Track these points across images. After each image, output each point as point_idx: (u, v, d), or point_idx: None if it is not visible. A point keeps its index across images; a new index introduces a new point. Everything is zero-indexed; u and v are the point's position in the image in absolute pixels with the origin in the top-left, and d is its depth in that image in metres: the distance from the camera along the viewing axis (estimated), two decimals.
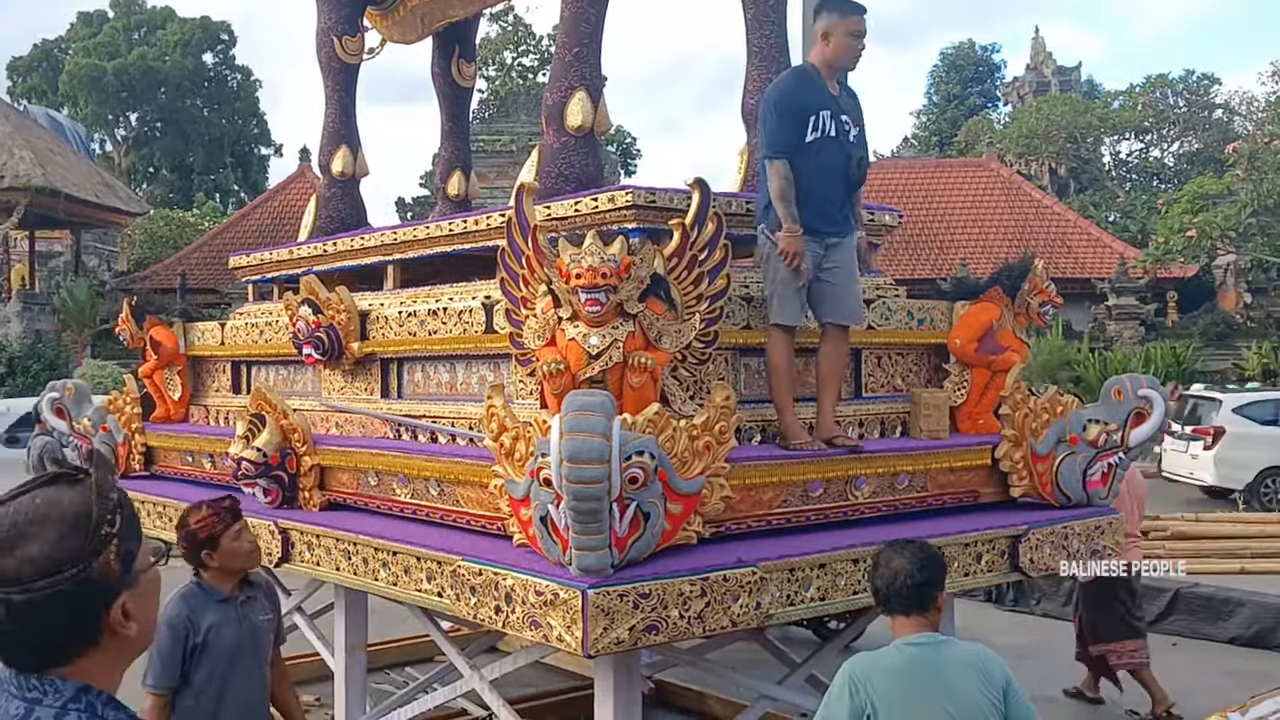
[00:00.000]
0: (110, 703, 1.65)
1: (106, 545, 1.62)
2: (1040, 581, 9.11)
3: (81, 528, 1.60)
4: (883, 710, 3.34)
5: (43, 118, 35.96)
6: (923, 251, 30.01)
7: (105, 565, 1.61)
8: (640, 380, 4.27)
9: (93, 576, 1.60)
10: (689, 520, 4.21)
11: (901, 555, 3.58)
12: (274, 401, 5.75)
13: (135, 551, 1.68)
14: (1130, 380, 5.83)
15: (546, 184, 5.52)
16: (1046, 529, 5.34)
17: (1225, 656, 8.13)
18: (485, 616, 4.29)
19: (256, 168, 52.29)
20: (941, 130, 50.93)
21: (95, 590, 1.61)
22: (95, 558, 1.60)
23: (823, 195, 4.86)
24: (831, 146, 4.85)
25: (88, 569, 1.59)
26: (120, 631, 1.65)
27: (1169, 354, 23.58)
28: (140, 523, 1.74)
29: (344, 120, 7.44)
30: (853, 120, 4.90)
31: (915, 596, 3.52)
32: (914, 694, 3.35)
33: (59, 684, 1.62)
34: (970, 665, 3.46)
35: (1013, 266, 5.91)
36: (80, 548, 1.59)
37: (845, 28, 4.86)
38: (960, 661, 3.46)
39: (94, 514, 1.62)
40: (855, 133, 4.91)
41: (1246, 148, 25.98)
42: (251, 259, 7.69)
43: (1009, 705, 3.41)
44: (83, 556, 1.59)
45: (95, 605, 1.62)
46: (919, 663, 3.41)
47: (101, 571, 1.60)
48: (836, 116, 4.83)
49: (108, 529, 1.63)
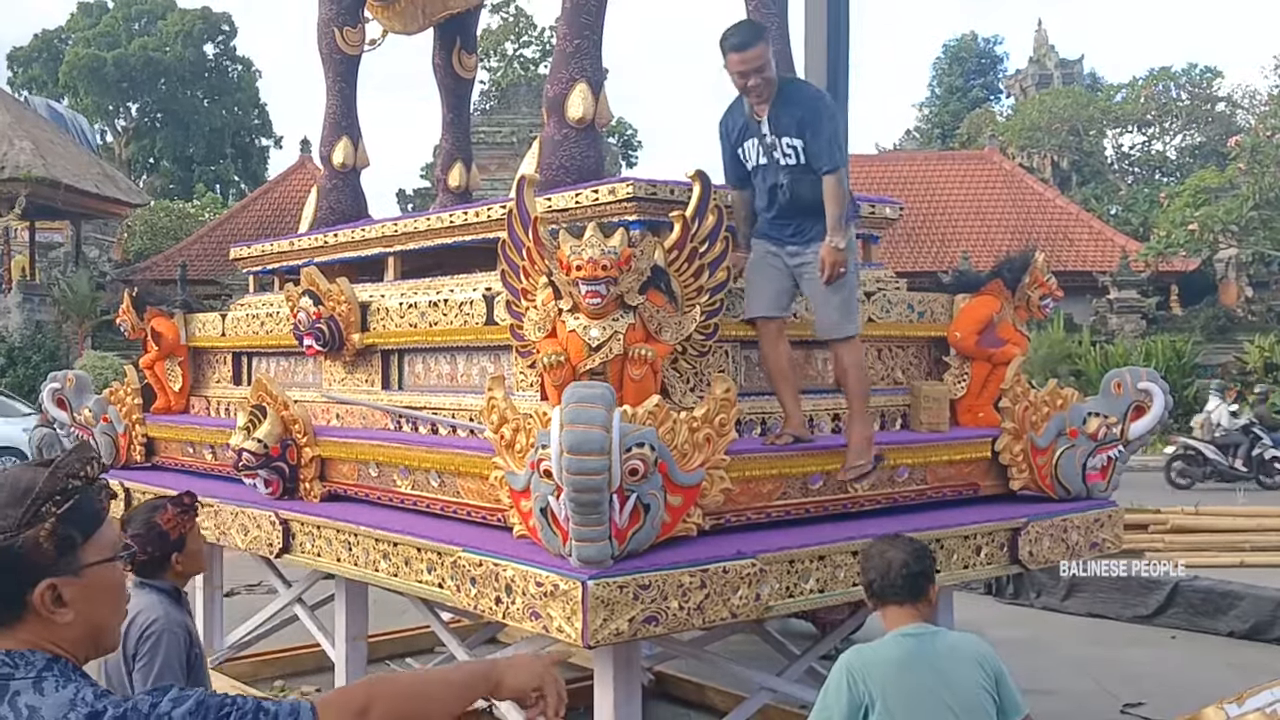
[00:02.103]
0: (79, 671, 1.68)
1: (40, 522, 1.63)
2: (1039, 575, 9.13)
3: (21, 501, 1.62)
4: (881, 702, 3.33)
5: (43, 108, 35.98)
6: (924, 244, 29.99)
7: (33, 541, 1.62)
8: (640, 372, 4.28)
9: (15, 548, 1.61)
10: (689, 512, 4.22)
11: (894, 547, 3.59)
12: (275, 393, 5.76)
13: (79, 541, 1.67)
14: (1130, 374, 5.85)
15: (547, 176, 5.52)
16: (1046, 522, 5.35)
17: (1224, 649, 8.14)
18: (485, 607, 4.30)
19: (257, 159, 52.23)
20: (943, 123, 50.88)
21: (14, 563, 1.62)
22: (24, 530, 1.62)
23: (767, 216, 4.86)
24: (761, 176, 4.80)
25: (13, 538, 1.61)
26: (47, 616, 1.66)
27: (1170, 348, 23.56)
28: (106, 519, 1.74)
29: (345, 111, 7.44)
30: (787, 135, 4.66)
31: (910, 586, 3.52)
32: (912, 685, 3.36)
33: (29, 655, 1.64)
34: (966, 655, 3.47)
35: (1013, 259, 5.91)
36: (15, 519, 1.62)
37: (729, 69, 4.68)
38: (956, 652, 3.47)
39: (38, 489, 1.63)
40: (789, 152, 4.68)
41: (1249, 141, 25.98)
42: (252, 250, 7.69)
43: (1000, 695, 3.43)
44: (10, 528, 1.61)
45: (14, 579, 1.63)
46: (916, 654, 3.41)
47: (26, 546, 1.62)
48: (761, 141, 4.72)
49: (49, 508, 1.64)
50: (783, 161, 4.68)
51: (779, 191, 4.73)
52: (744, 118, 4.79)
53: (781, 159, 4.68)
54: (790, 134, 4.65)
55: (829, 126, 4.64)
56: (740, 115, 4.82)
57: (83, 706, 1.60)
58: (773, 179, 4.74)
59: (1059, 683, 7.08)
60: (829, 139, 4.62)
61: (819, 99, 4.73)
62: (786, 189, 4.70)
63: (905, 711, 3.32)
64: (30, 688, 1.61)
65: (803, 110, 4.63)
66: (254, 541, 5.78)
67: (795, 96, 4.68)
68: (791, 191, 4.70)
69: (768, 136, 4.69)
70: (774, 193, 4.76)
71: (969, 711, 3.35)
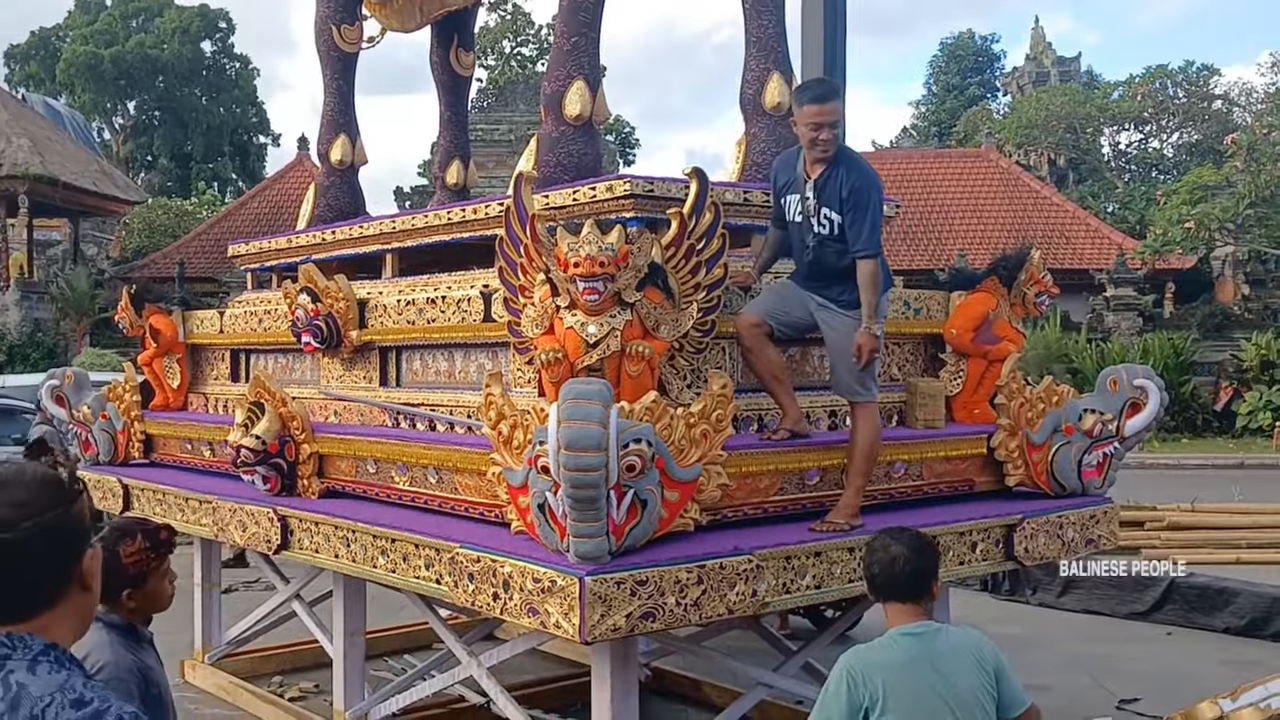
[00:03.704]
0: (72, 659, 1.75)
1: (79, 494, 1.78)
2: (1035, 571, 9.15)
3: (53, 482, 1.76)
4: (881, 704, 3.34)
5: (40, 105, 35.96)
6: (921, 242, 30.01)
7: (80, 511, 1.77)
8: (638, 369, 4.30)
9: (72, 519, 1.75)
10: (686, 508, 4.24)
11: (898, 542, 3.56)
12: (273, 389, 5.77)
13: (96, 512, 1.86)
14: (1126, 370, 5.87)
15: (545, 173, 5.54)
16: (1041, 518, 5.37)
17: (1220, 646, 8.17)
18: (483, 603, 4.32)
19: (255, 157, 52.21)
20: (940, 120, 50.90)
21: (74, 533, 1.76)
22: (72, 504, 1.75)
23: (799, 268, 4.92)
24: (795, 230, 4.84)
25: (68, 512, 1.74)
26: (88, 585, 1.79)
27: (1167, 345, 23.59)
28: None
29: (343, 109, 7.45)
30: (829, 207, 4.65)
31: (913, 584, 3.52)
32: (912, 686, 3.35)
33: (28, 639, 1.71)
34: (965, 652, 3.47)
35: (1009, 256, 5.93)
36: (57, 495, 1.74)
37: (801, 119, 4.66)
38: (956, 649, 3.47)
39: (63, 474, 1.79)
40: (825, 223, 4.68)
41: (1245, 139, 26.01)
42: (250, 247, 7.70)
43: (1001, 689, 3.44)
44: (62, 501, 1.74)
45: (74, 548, 1.76)
46: (915, 653, 3.41)
47: (78, 517, 1.76)
48: (804, 201, 4.74)
49: (77, 484, 1.80)
50: (816, 229, 4.71)
51: (806, 253, 4.80)
52: (793, 172, 4.81)
53: (816, 226, 4.71)
54: (833, 206, 4.65)
55: (873, 212, 4.62)
56: (791, 168, 4.84)
57: (70, 693, 1.66)
58: (804, 239, 4.79)
59: (1055, 679, 7.10)
60: (872, 224, 4.61)
61: (870, 181, 4.66)
62: (813, 252, 4.76)
63: (906, 712, 3.32)
64: (25, 669, 1.68)
65: (850, 189, 4.61)
66: (252, 538, 5.80)
67: (848, 172, 4.64)
68: (816, 256, 4.75)
69: (810, 200, 4.71)
70: (803, 251, 4.83)
71: (969, 710, 3.36)
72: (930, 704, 3.33)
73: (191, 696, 6.96)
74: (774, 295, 4.94)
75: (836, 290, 4.75)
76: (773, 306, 4.85)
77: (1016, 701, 3.46)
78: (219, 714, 6.73)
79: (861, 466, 4.72)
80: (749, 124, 6.01)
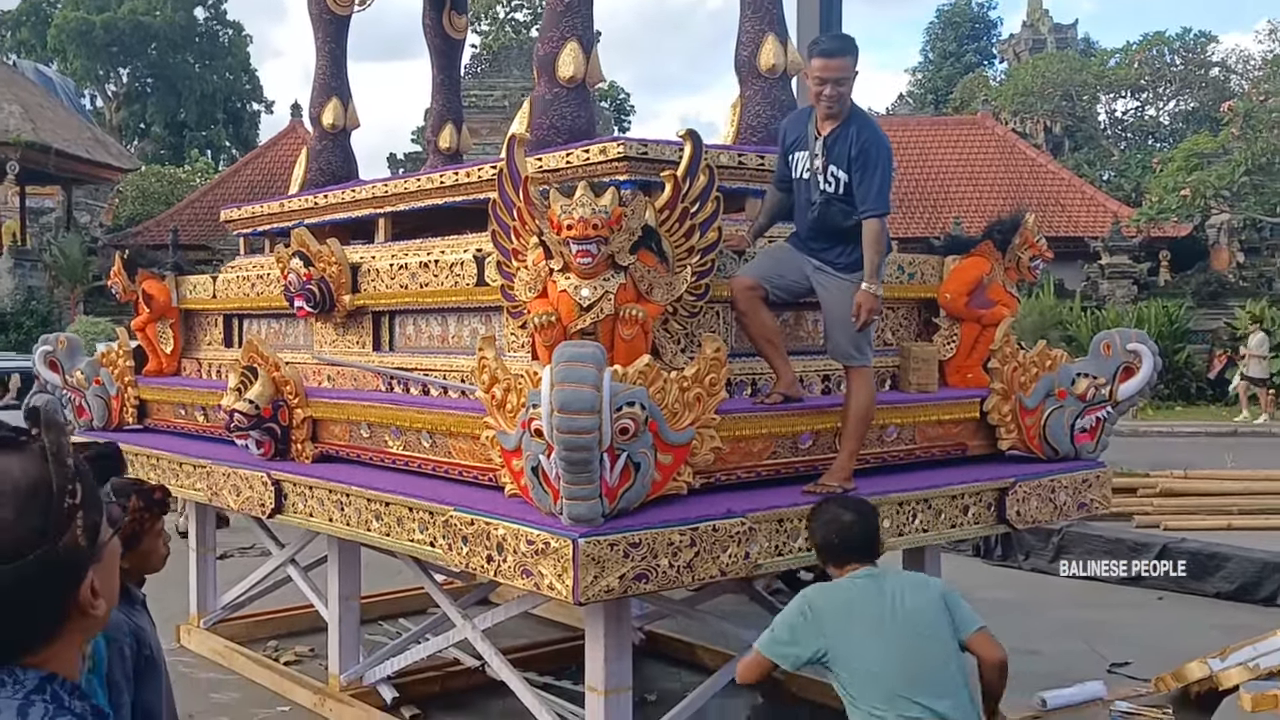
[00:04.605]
0: (75, 692, 1.48)
1: (71, 520, 1.42)
2: (1028, 536, 9.19)
3: (41, 502, 1.40)
4: (833, 623, 3.65)
5: (31, 72, 35.64)
6: (916, 209, 29.94)
7: (72, 542, 1.42)
8: (631, 332, 4.30)
9: (59, 556, 1.41)
10: (679, 471, 4.25)
11: (848, 509, 3.93)
12: (266, 354, 5.77)
13: (99, 523, 1.48)
14: (1119, 335, 5.87)
15: (538, 135, 5.51)
16: (1034, 482, 5.39)
17: (1211, 610, 8.22)
18: (477, 565, 4.33)
19: (248, 124, 51.91)
20: (937, 88, 50.69)
21: (63, 571, 1.42)
22: (61, 535, 1.40)
23: (799, 229, 4.88)
24: (800, 188, 4.81)
25: (53, 550, 1.40)
26: (90, 612, 1.47)
27: (1161, 313, 23.59)
28: (98, 489, 1.54)
29: (334, 72, 7.39)
30: (837, 165, 4.64)
31: (868, 545, 3.88)
32: (867, 606, 3.67)
33: (19, 673, 1.43)
34: (914, 581, 3.92)
35: (1003, 221, 5.92)
36: (43, 525, 1.39)
37: (809, 73, 4.66)
38: (905, 580, 3.92)
39: (54, 486, 1.42)
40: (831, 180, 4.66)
41: (1242, 106, 25.95)
42: (243, 212, 7.67)
43: (953, 612, 3.74)
44: (47, 535, 1.39)
45: (63, 587, 1.44)
46: (869, 585, 3.75)
47: (69, 549, 1.42)
48: (812, 158, 4.70)
49: (70, 501, 1.43)
50: (823, 186, 4.68)
51: (810, 210, 4.76)
52: (804, 128, 4.77)
53: (823, 183, 4.68)
54: (840, 165, 4.63)
55: (882, 173, 4.61)
56: (802, 125, 4.80)
57: None
58: (809, 196, 4.76)
59: (1047, 644, 7.15)
60: (880, 185, 4.59)
61: (880, 143, 4.64)
62: (817, 210, 4.72)
63: (861, 626, 3.63)
64: (14, 711, 1.41)
65: (861, 148, 4.59)
66: (246, 502, 5.81)
67: (860, 132, 4.62)
68: (821, 215, 4.72)
69: (819, 158, 4.68)
70: (806, 210, 4.79)
71: (929, 627, 3.66)
72: (890, 629, 3.62)
73: (187, 661, 6.99)
74: (770, 258, 4.93)
75: (835, 253, 4.73)
76: (768, 270, 4.83)
77: (968, 622, 3.75)
78: (215, 678, 6.76)
79: (855, 430, 4.73)
80: (744, 87, 5.97)
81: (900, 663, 3.56)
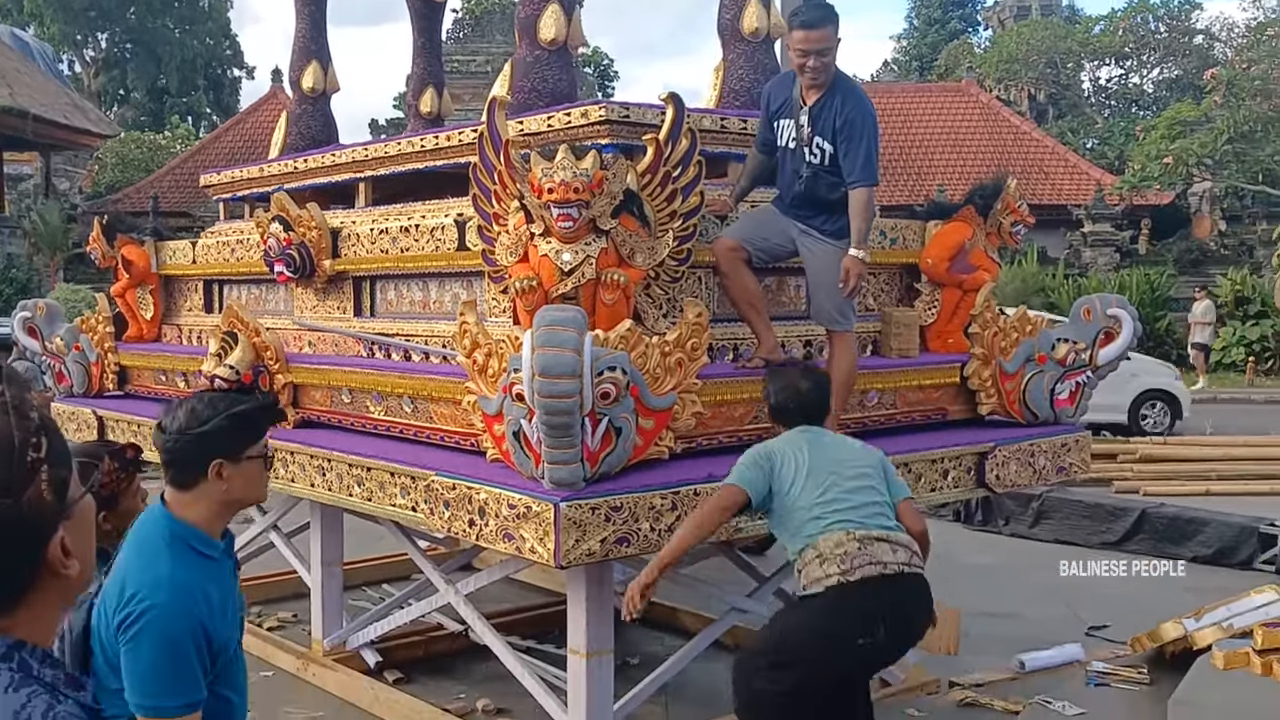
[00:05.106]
0: (46, 659, 1.44)
1: (35, 473, 1.38)
2: (1008, 502, 9.25)
3: (3, 457, 1.36)
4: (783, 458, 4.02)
5: (7, 36, 35.12)
6: (900, 177, 29.91)
7: (37, 497, 1.38)
8: (613, 297, 4.29)
9: (24, 513, 1.37)
10: (661, 435, 4.27)
11: (805, 379, 4.27)
12: (246, 319, 5.74)
13: (68, 478, 1.44)
14: (1100, 300, 5.89)
15: (519, 98, 5.48)
16: (1013, 446, 5.42)
17: (1188, 574, 8.28)
18: (459, 529, 4.34)
19: (229, 90, 51.41)
20: (921, 55, 50.54)
21: (28, 528, 1.38)
22: (24, 490, 1.37)
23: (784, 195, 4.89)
24: (785, 156, 4.81)
25: (17, 505, 1.36)
26: (61, 572, 1.43)
27: (1143, 281, 23.68)
28: (68, 446, 1.51)
29: (314, 35, 7.32)
30: (823, 136, 4.65)
31: (819, 410, 4.23)
32: (813, 453, 4.04)
33: None
34: (851, 442, 4.30)
35: (985, 186, 5.93)
36: (5, 479, 1.36)
37: (790, 44, 4.67)
38: (844, 439, 4.32)
39: (15, 439, 1.37)
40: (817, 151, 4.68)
41: (1225, 74, 25.93)
42: (222, 177, 7.62)
43: (888, 476, 4.17)
44: (10, 490, 1.36)
45: (30, 545, 1.39)
46: (817, 438, 4.14)
47: (34, 505, 1.38)
48: (798, 128, 4.71)
49: (34, 454, 1.39)
50: (809, 158, 4.69)
51: (797, 182, 4.76)
52: (789, 94, 4.76)
53: (809, 155, 4.68)
54: (826, 136, 4.63)
55: (868, 143, 4.61)
56: (786, 90, 4.79)
57: None
58: (795, 166, 4.75)
59: (1026, 607, 7.20)
60: (866, 155, 4.60)
61: (865, 112, 4.63)
62: (804, 182, 4.73)
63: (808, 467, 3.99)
64: None
65: (846, 119, 4.59)
66: None
67: (845, 102, 4.62)
68: (807, 186, 4.73)
69: (805, 128, 4.68)
70: (793, 179, 4.78)
71: (866, 479, 4.06)
72: (826, 463, 4.02)
73: None
74: (753, 221, 4.92)
75: (822, 219, 4.75)
76: (751, 232, 4.83)
77: (899, 489, 4.19)
78: None
79: (838, 394, 4.75)
80: (726, 50, 5.94)
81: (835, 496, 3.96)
